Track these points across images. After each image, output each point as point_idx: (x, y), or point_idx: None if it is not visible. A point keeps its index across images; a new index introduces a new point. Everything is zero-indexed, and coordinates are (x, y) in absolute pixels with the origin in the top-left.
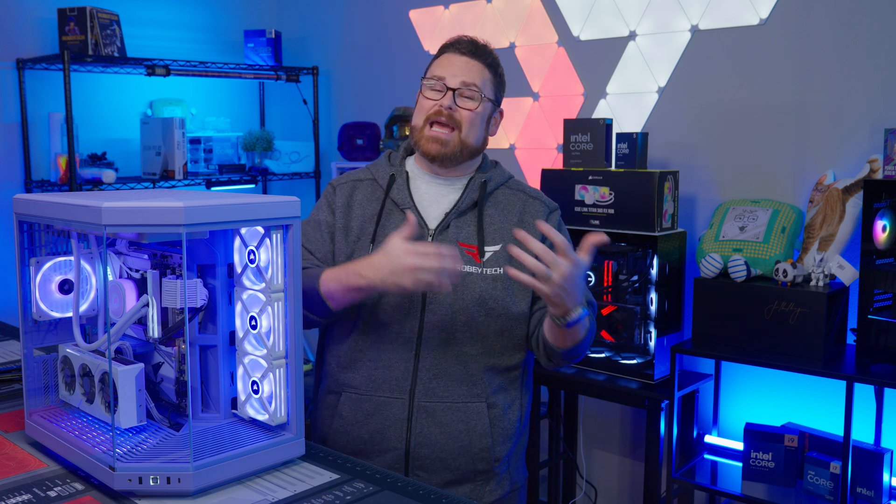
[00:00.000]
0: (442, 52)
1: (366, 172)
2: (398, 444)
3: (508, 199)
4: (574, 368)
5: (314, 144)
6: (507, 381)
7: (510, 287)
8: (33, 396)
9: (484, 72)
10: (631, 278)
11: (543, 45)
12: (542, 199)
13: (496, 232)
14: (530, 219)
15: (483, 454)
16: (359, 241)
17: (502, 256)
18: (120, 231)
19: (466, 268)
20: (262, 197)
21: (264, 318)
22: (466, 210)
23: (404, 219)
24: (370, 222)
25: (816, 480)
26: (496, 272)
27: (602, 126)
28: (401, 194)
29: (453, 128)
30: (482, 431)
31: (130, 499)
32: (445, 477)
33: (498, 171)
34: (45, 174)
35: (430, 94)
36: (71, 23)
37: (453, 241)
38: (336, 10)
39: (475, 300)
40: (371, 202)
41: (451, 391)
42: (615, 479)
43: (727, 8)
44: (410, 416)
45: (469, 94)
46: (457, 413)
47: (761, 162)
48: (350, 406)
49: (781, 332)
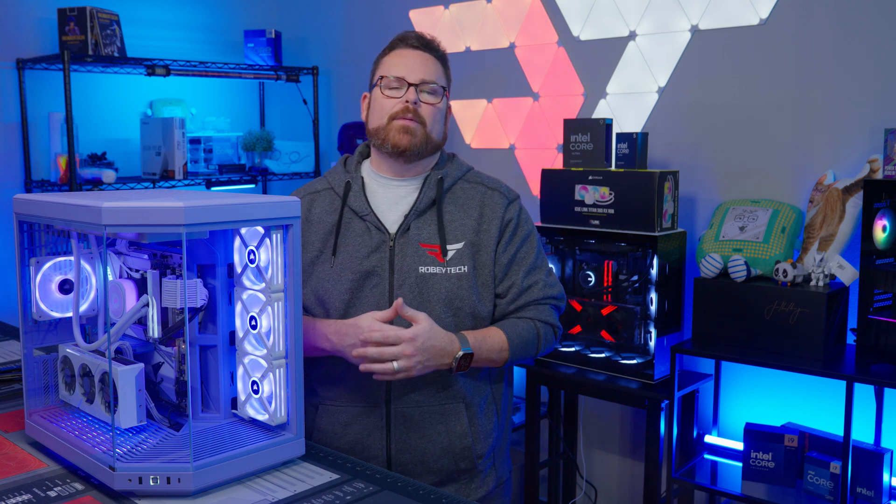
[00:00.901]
0: (391, 49)
1: (322, 182)
2: (379, 452)
3: (467, 194)
4: (574, 368)
5: (314, 144)
6: (482, 379)
7: (475, 285)
8: (33, 396)
9: (437, 65)
10: (631, 278)
11: (543, 45)
12: (502, 189)
13: (457, 229)
14: (490, 212)
15: (465, 453)
16: (321, 254)
17: (465, 254)
18: (120, 231)
19: (430, 269)
20: (262, 197)
21: (264, 318)
22: (425, 209)
23: (364, 227)
24: (331, 234)
25: (816, 480)
26: (461, 270)
27: (602, 126)
28: (358, 201)
29: (419, 123)
30: (461, 432)
31: (130, 499)
32: (429, 479)
33: (454, 164)
34: (45, 174)
35: (391, 92)
36: (71, 23)
37: (414, 242)
38: (336, 10)
39: (441, 301)
40: (329, 213)
41: (427, 395)
42: (615, 479)
43: (727, 8)
44: (388, 424)
45: (430, 90)
46: (434, 416)
47: (761, 162)
48: (327, 418)
49: (781, 332)
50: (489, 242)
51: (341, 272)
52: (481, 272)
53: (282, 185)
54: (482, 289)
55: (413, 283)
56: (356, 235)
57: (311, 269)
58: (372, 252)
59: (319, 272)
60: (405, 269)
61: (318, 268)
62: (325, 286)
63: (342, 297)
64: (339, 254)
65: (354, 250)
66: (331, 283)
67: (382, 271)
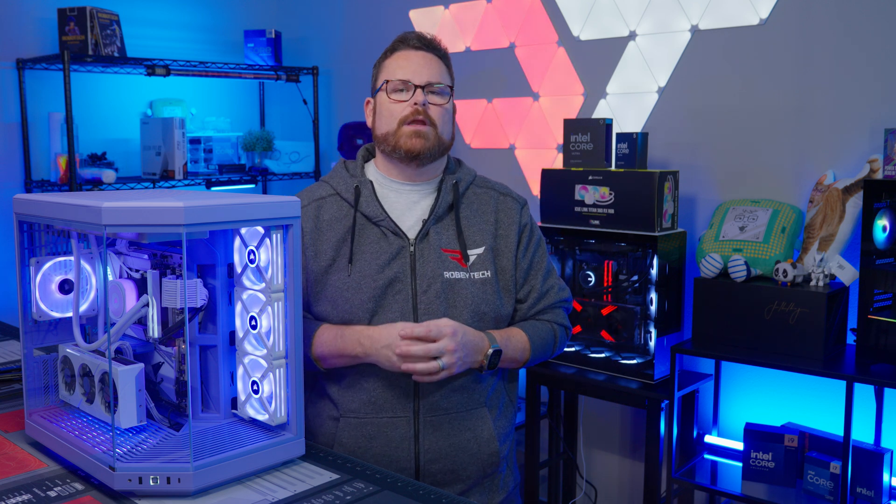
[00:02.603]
0: (393, 51)
1: (325, 188)
2: (407, 465)
3: (481, 199)
4: (574, 368)
5: (314, 144)
6: (498, 381)
7: (498, 290)
8: (33, 396)
9: (441, 65)
10: (631, 278)
11: (543, 45)
12: (512, 194)
13: (476, 234)
14: (505, 217)
15: (492, 458)
16: (334, 262)
17: (486, 259)
18: (120, 231)
19: (454, 274)
20: (262, 197)
21: (264, 318)
22: (443, 215)
23: (379, 233)
24: (344, 242)
25: (816, 480)
26: (484, 276)
27: (602, 126)
28: (371, 207)
29: (430, 126)
30: (488, 436)
31: (130, 499)
32: (457, 488)
33: (464, 170)
34: (45, 174)
35: (397, 95)
36: (71, 23)
37: (435, 248)
38: (336, 10)
39: (468, 306)
40: (340, 220)
41: (454, 402)
42: (615, 479)
43: (727, 8)
44: (417, 434)
45: (437, 91)
46: (462, 423)
47: (761, 162)
48: (349, 432)
49: (781, 332)
50: (509, 247)
51: (361, 280)
52: (503, 277)
53: (282, 185)
54: (504, 293)
55: (439, 288)
56: (372, 242)
57: (324, 279)
58: (392, 259)
59: (336, 281)
60: (428, 275)
61: (334, 276)
62: (345, 295)
63: (366, 306)
64: (357, 261)
65: (373, 257)
66: (350, 291)
67: (405, 277)
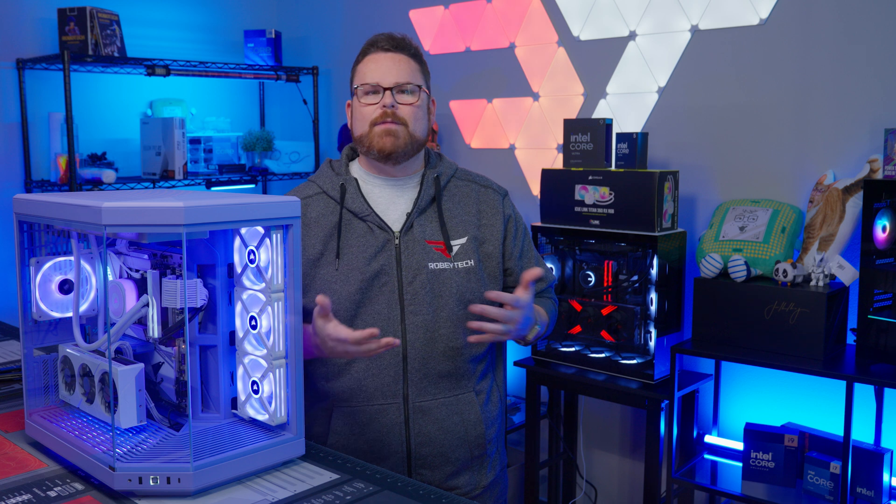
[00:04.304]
0: (364, 55)
1: (311, 186)
2: (399, 448)
3: (462, 191)
4: (574, 368)
5: (314, 144)
6: (486, 366)
7: (482, 278)
8: (33, 396)
9: (411, 63)
10: (631, 278)
11: (543, 45)
12: (493, 186)
13: (459, 225)
14: (488, 208)
15: (479, 441)
16: (322, 256)
17: (470, 248)
18: (120, 231)
19: (439, 265)
20: (262, 197)
21: (264, 318)
22: (425, 207)
23: (365, 227)
24: (332, 237)
25: (816, 480)
26: (467, 265)
27: (602, 126)
28: (356, 202)
29: (400, 125)
30: (475, 419)
31: (130, 499)
32: (447, 470)
33: (445, 163)
34: (45, 174)
35: (368, 98)
36: (71, 23)
37: (419, 239)
38: (336, 10)
39: (454, 295)
40: (327, 216)
41: (442, 387)
42: (615, 479)
43: (727, 8)
44: (407, 419)
45: (407, 90)
46: (451, 407)
47: (761, 162)
48: (343, 420)
49: (781, 332)
50: (494, 236)
51: (348, 273)
52: (487, 264)
53: (282, 185)
54: (490, 280)
55: (424, 279)
56: (358, 236)
57: (312, 273)
58: (378, 251)
59: (324, 275)
60: (413, 266)
61: (321, 270)
62: (333, 287)
63: (353, 298)
64: (344, 255)
65: (359, 251)
66: (338, 284)
67: (391, 269)
